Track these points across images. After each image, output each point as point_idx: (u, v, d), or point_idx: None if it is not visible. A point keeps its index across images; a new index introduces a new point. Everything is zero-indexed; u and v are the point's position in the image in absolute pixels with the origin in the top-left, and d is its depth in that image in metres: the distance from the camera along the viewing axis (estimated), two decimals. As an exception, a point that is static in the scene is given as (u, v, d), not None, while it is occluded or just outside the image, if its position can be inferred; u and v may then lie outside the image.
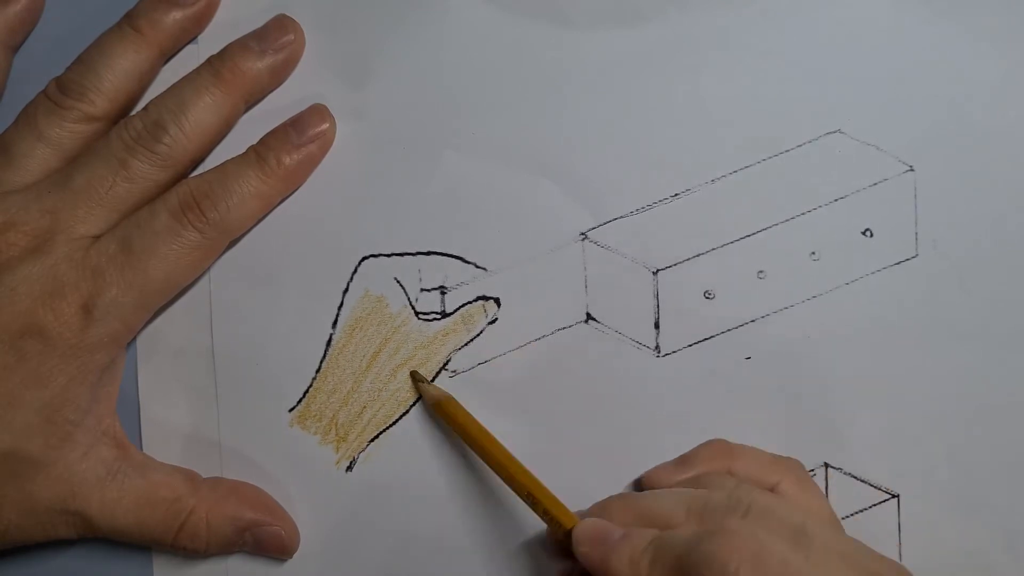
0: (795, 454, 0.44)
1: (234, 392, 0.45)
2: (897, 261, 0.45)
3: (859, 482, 0.45)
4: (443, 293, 0.45)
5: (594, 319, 0.45)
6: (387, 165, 0.45)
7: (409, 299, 0.45)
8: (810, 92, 0.45)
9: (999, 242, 0.45)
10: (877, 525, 0.45)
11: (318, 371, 0.45)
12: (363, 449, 0.45)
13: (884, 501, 0.45)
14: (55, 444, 0.41)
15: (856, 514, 0.45)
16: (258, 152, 0.44)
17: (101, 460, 0.42)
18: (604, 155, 0.45)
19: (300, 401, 0.45)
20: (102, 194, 0.42)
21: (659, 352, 0.45)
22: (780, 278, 0.45)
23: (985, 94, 0.45)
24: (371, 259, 0.45)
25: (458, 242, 0.45)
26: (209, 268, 0.45)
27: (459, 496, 0.45)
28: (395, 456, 0.45)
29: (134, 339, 0.45)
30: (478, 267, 0.45)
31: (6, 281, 0.41)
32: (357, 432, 0.45)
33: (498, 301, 0.45)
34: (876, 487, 0.45)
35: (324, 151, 0.45)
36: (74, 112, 0.43)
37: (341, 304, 0.45)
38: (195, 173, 0.44)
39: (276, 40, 0.44)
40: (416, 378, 0.45)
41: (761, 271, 0.45)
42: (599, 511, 0.42)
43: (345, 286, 0.45)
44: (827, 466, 0.45)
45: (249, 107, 0.45)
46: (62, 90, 0.43)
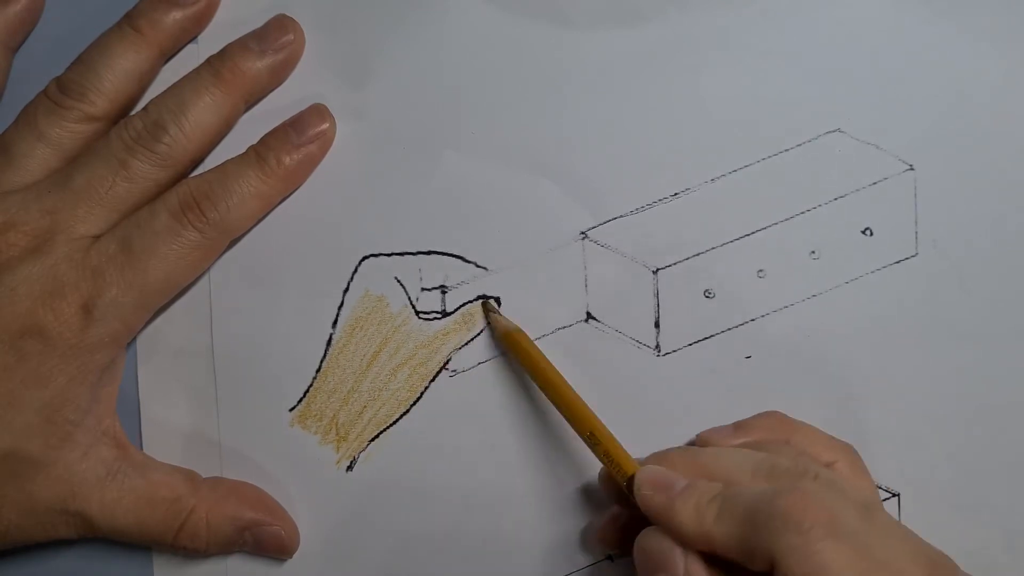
0: (795, 454, 0.44)
1: (234, 392, 0.45)
2: (897, 260, 0.45)
3: (859, 482, 0.45)
4: (443, 293, 0.45)
5: (594, 318, 0.45)
6: (387, 165, 0.45)
7: (409, 299, 0.45)
8: (810, 92, 0.45)
9: (999, 242, 0.45)
10: (877, 525, 0.45)
11: (318, 371, 0.45)
12: (363, 449, 0.45)
13: (884, 501, 0.45)
14: (55, 444, 0.41)
15: (856, 514, 0.45)
16: (258, 152, 0.44)
17: (101, 460, 0.42)
18: (604, 155, 0.45)
19: (300, 401, 0.45)
20: (102, 194, 0.42)
21: (659, 351, 0.45)
22: (780, 277, 0.45)
23: (985, 94, 0.45)
24: (371, 259, 0.45)
25: (458, 242, 0.45)
26: (209, 268, 0.45)
27: (459, 496, 0.45)
28: (395, 456, 0.45)
29: (134, 339, 0.44)
30: (478, 267, 0.45)
31: (6, 281, 0.41)
32: (357, 432, 0.45)
33: (498, 301, 0.45)
34: (876, 487, 0.45)
35: (324, 151, 0.45)
36: (74, 112, 0.43)
37: (341, 304, 0.45)
38: (195, 173, 0.44)
39: (276, 40, 0.44)
40: (487, 308, 0.45)
41: (761, 270, 0.45)
42: (659, 460, 0.41)
43: (345, 286, 0.45)
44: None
45: (249, 107, 0.45)
46: (62, 90, 0.43)
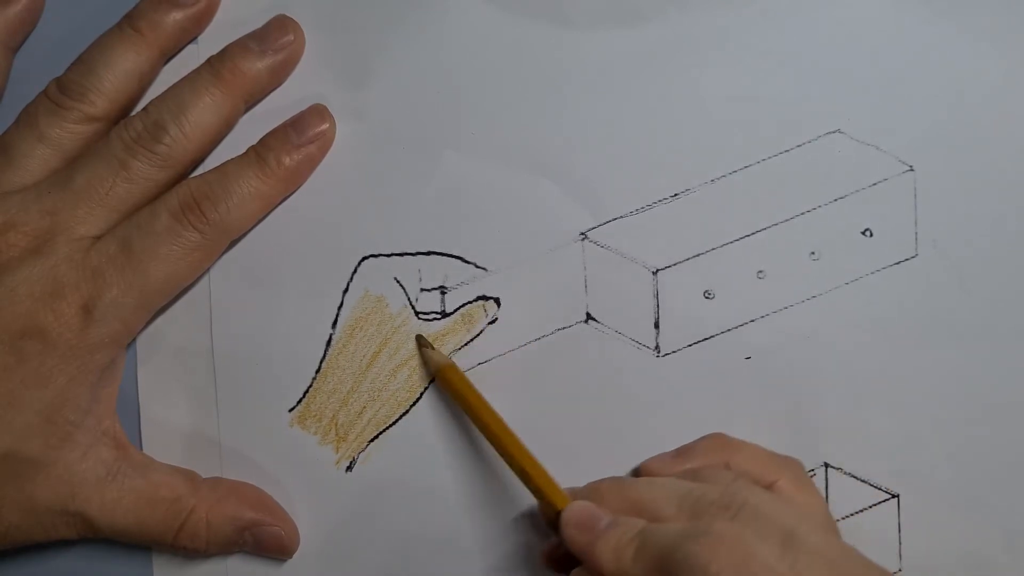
0: (795, 454, 0.44)
1: (234, 392, 0.45)
2: (897, 261, 0.45)
3: (859, 482, 0.45)
4: (443, 293, 0.45)
5: (594, 319, 0.45)
6: (387, 165, 0.45)
7: (409, 299, 0.45)
8: (810, 92, 0.45)
9: (999, 242, 0.45)
10: (877, 525, 0.45)
11: (318, 371, 0.45)
12: (363, 449, 0.45)
13: (884, 501, 0.45)
14: (55, 444, 0.41)
15: (856, 514, 0.45)
16: (258, 152, 0.44)
17: (101, 460, 0.42)
18: (604, 155, 0.45)
19: (300, 401, 0.45)
20: (102, 195, 0.42)
21: (659, 352, 0.45)
22: (780, 278, 0.45)
23: (985, 94, 0.45)
24: (371, 259, 0.45)
25: (458, 242, 0.45)
26: (209, 268, 0.45)
27: (459, 496, 0.45)
28: (395, 456, 0.45)
29: (134, 339, 0.45)
30: (478, 267, 0.45)
31: (6, 282, 0.41)
32: (357, 432, 0.45)
33: (498, 301, 0.45)
34: (876, 487, 0.45)
35: (324, 151, 0.45)
36: (74, 112, 0.43)
37: (341, 304, 0.45)
38: (195, 173, 0.44)
39: (276, 40, 0.44)
40: (421, 343, 0.45)
41: (761, 271, 0.45)
42: (590, 493, 0.41)
43: (345, 286, 0.45)
44: (827, 466, 0.45)
45: (249, 107, 0.45)
46: (62, 90, 0.43)
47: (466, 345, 0.45)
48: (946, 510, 0.45)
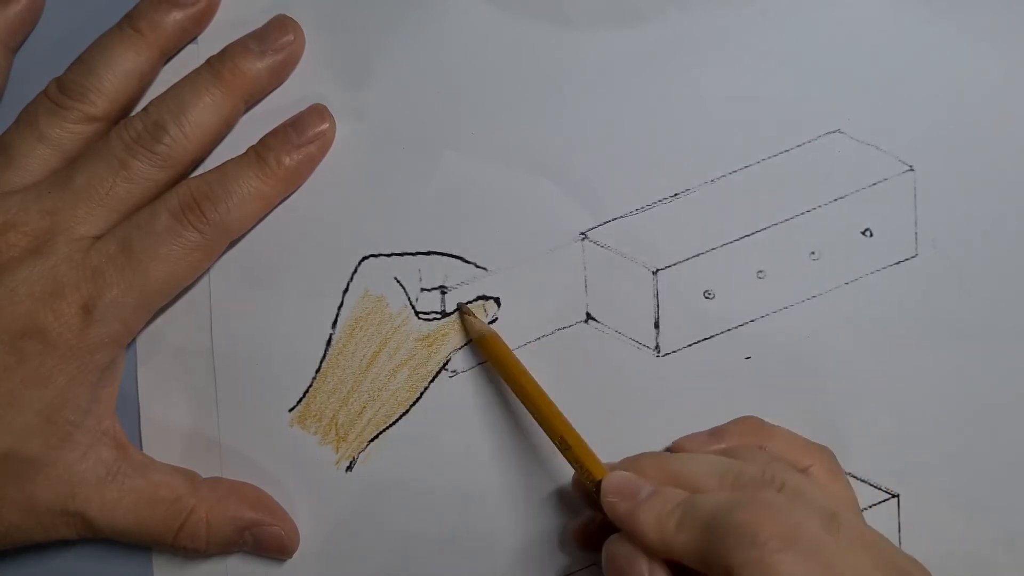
0: (795, 454, 0.44)
1: (234, 392, 0.45)
2: (897, 261, 0.45)
3: (859, 482, 0.45)
4: (443, 293, 0.45)
5: (594, 319, 0.45)
6: (387, 165, 0.45)
7: (409, 299, 0.45)
8: (810, 92, 0.45)
9: (999, 242, 0.45)
10: (877, 525, 0.44)
11: (318, 371, 0.45)
12: (363, 449, 0.45)
13: (884, 501, 0.45)
14: (55, 444, 0.41)
15: (856, 514, 0.45)
16: (258, 152, 0.44)
17: (101, 460, 0.42)
18: (604, 155, 0.45)
19: (300, 401, 0.45)
20: (102, 195, 0.42)
21: (659, 352, 0.45)
22: (780, 278, 0.45)
23: (985, 94, 0.45)
24: (371, 259, 0.45)
25: (458, 242, 0.45)
26: (209, 268, 0.45)
27: (459, 496, 0.45)
28: (395, 456, 0.45)
29: (134, 339, 0.44)
30: (478, 267, 0.45)
31: (6, 282, 0.41)
32: (357, 432, 0.45)
33: (498, 301, 0.45)
34: (876, 487, 0.45)
35: (324, 151, 0.45)
36: (74, 112, 0.43)
37: (341, 304, 0.45)
38: (195, 173, 0.44)
39: (276, 40, 0.44)
40: (463, 311, 0.45)
41: (761, 271, 0.45)
42: (630, 466, 0.41)
43: (345, 286, 0.45)
44: (827, 466, 0.45)
45: (249, 107, 0.45)
46: (62, 90, 0.43)
47: (466, 345, 0.45)
48: (946, 510, 0.45)
